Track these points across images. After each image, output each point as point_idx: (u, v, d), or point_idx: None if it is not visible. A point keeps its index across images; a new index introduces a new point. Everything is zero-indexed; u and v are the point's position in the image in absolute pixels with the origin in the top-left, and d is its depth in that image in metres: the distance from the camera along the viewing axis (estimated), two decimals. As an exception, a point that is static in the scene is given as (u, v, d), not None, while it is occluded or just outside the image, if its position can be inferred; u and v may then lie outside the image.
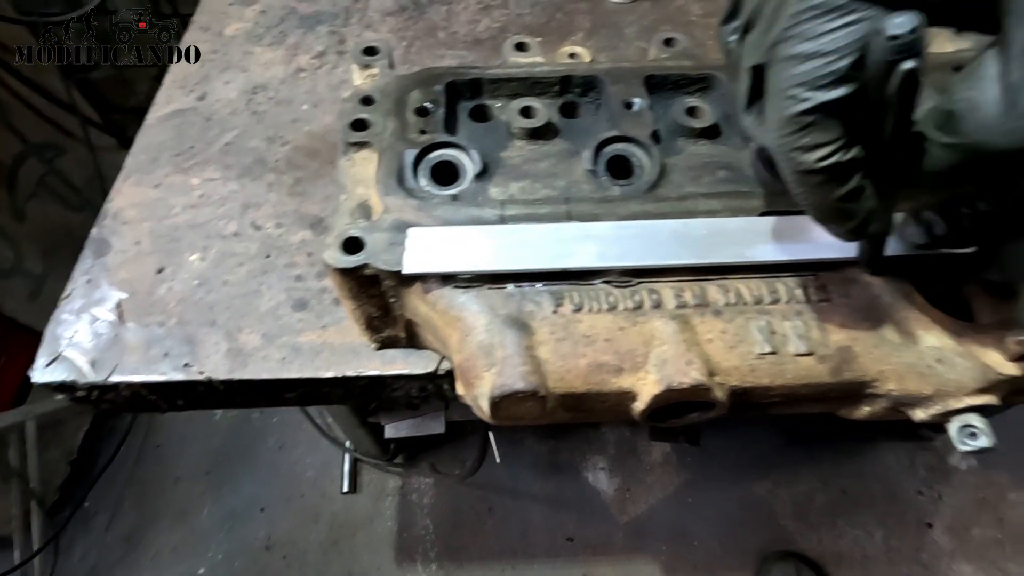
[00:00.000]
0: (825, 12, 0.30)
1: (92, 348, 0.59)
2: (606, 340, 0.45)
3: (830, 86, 0.30)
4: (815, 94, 0.31)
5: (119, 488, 1.76)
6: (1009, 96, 0.28)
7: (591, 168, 0.54)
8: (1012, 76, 0.28)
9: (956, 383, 0.43)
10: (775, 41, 0.32)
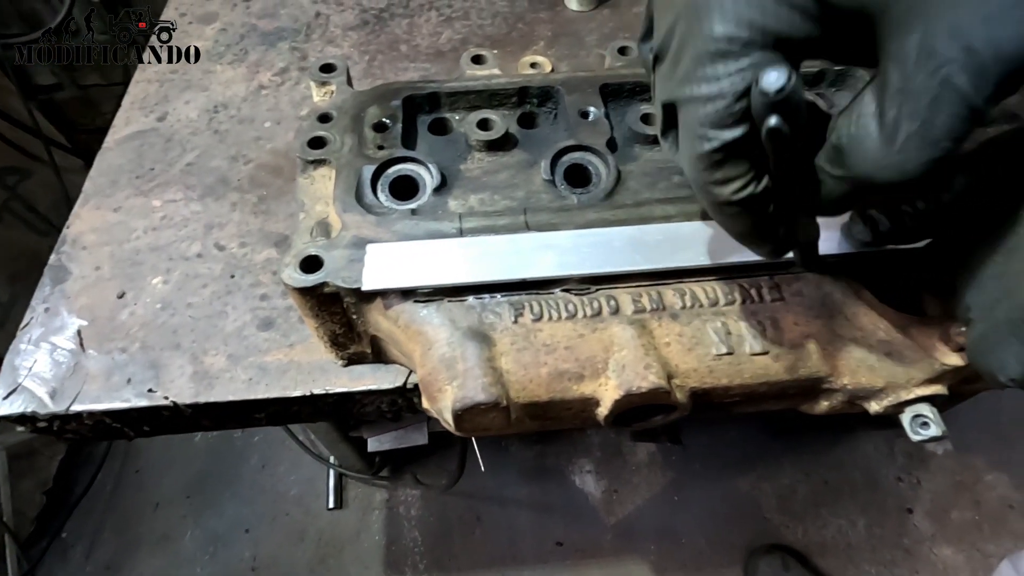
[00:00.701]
0: (721, 56, 0.30)
1: (52, 378, 0.58)
2: (566, 348, 0.46)
3: (733, 126, 0.31)
4: (719, 133, 0.31)
5: (97, 516, 1.72)
6: (886, 132, 0.29)
7: (549, 178, 0.55)
8: (888, 114, 0.29)
9: (905, 375, 0.44)
10: (681, 81, 0.32)
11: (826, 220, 0.48)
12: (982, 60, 0.25)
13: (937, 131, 0.27)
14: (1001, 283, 0.34)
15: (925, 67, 0.26)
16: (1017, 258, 0.33)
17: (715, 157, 0.32)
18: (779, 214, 0.36)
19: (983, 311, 0.35)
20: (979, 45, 0.25)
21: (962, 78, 0.26)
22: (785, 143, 0.30)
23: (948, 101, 0.26)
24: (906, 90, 0.27)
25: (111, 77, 1.88)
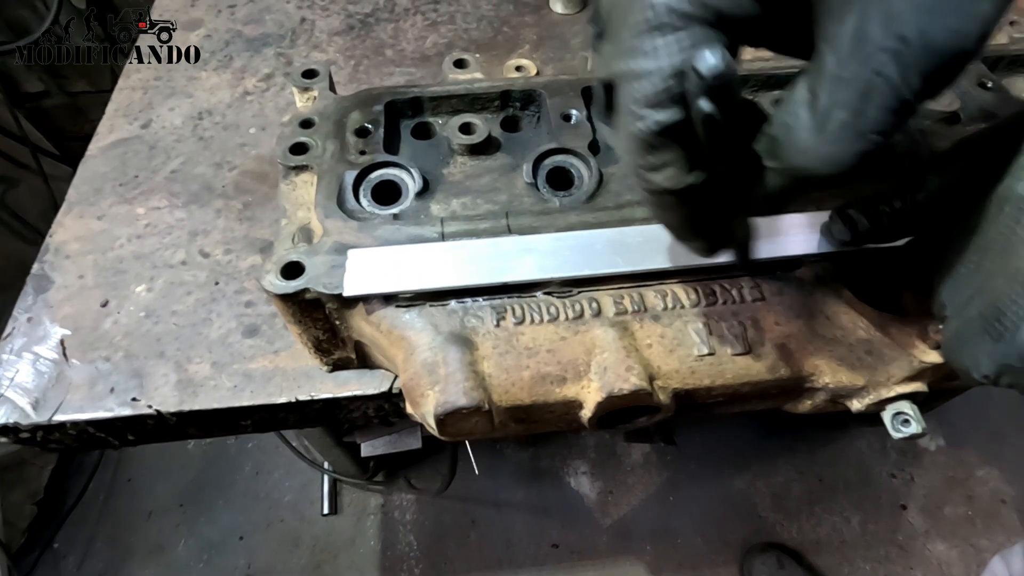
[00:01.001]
0: (653, 29, 0.28)
1: (34, 388, 0.57)
2: (548, 351, 0.46)
3: (668, 106, 0.29)
4: (653, 113, 0.29)
5: (89, 526, 1.71)
6: (818, 120, 0.28)
7: (531, 181, 0.55)
8: (821, 101, 0.28)
9: (885, 373, 0.45)
10: (617, 55, 0.31)
11: (807, 219, 0.49)
12: (914, 51, 0.25)
13: (867, 122, 0.27)
14: (974, 281, 0.34)
15: (858, 55, 0.26)
16: (989, 256, 0.33)
17: (649, 139, 0.30)
18: (715, 209, 0.35)
19: (957, 309, 0.35)
20: (912, 35, 0.24)
21: (893, 68, 0.25)
22: (718, 129, 0.29)
23: (879, 92, 0.26)
24: (839, 77, 0.27)
25: (99, 84, 1.87)
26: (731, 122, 0.29)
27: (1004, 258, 0.32)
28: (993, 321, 0.32)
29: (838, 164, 0.28)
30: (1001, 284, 0.32)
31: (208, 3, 0.97)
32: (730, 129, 0.29)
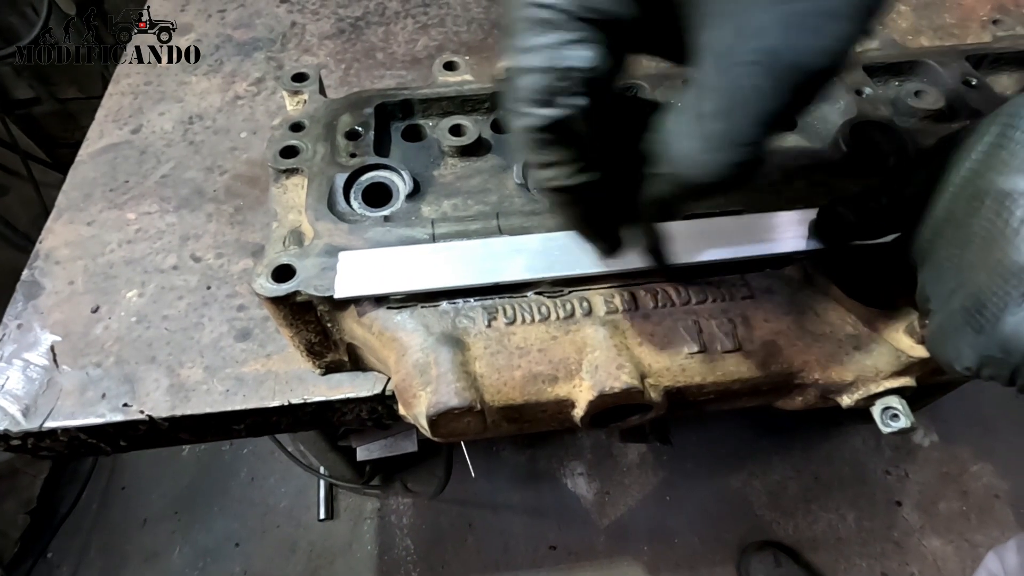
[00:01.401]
0: (534, 25, 0.28)
1: (25, 395, 0.57)
2: (540, 350, 0.46)
3: (546, 103, 0.28)
4: (538, 111, 0.29)
5: (83, 535, 1.70)
6: (697, 129, 0.28)
7: (521, 182, 0.55)
8: (698, 110, 0.27)
9: (874, 368, 0.45)
10: (508, 50, 0.30)
11: (796, 217, 0.49)
12: (778, 66, 0.25)
13: (740, 133, 0.27)
14: (956, 274, 0.35)
15: (728, 66, 0.26)
16: (970, 250, 0.34)
17: (537, 136, 0.30)
18: (611, 211, 0.35)
19: (940, 302, 0.36)
20: (776, 51, 0.24)
21: (760, 81, 0.25)
22: (598, 128, 0.28)
23: (750, 103, 0.26)
24: (712, 88, 0.26)
25: (89, 90, 1.86)
26: (613, 122, 0.28)
27: (985, 251, 0.33)
28: (975, 313, 0.32)
29: (714, 173, 0.28)
30: (982, 277, 0.32)
31: (198, 7, 0.97)
32: (612, 129, 0.29)
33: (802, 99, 0.26)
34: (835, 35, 0.25)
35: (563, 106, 0.28)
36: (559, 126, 0.29)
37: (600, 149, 0.31)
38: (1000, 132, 0.34)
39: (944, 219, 0.37)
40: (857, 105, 0.60)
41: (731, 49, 0.25)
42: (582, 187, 0.32)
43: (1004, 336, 0.31)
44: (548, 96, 0.28)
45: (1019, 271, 0.31)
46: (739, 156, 0.27)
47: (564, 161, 0.31)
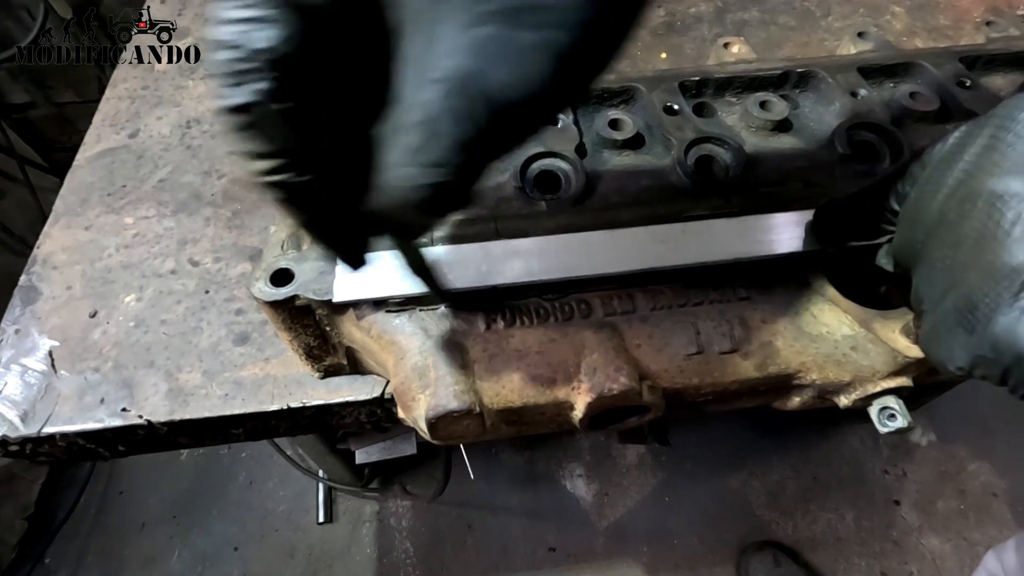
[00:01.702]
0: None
1: (23, 400, 0.57)
2: (538, 353, 0.46)
3: (237, 84, 0.25)
4: (230, 92, 0.25)
5: (81, 540, 1.69)
6: (399, 140, 0.26)
7: (519, 184, 0.55)
8: (402, 118, 0.25)
9: (870, 368, 0.45)
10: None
11: (792, 218, 0.50)
12: (468, 90, 0.23)
13: (436, 153, 0.25)
14: (949, 275, 0.35)
15: (420, 81, 0.24)
16: (963, 251, 0.34)
17: (236, 121, 0.26)
18: (339, 218, 0.32)
19: (933, 303, 0.36)
20: (463, 74, 0.23)
21: (450, 103, 0.23)
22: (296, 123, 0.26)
23: (444, 124, 0.24)
24: (411, 101, 0.25)
25: (86, 94, 1.86)
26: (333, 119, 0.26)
27: (977, 252, 0.33)
28: (967, 314, 0.33)
29: (412, 191, 0.26)
30: (974, 278, 0.33)
31: (195, 12, 0.97)
32: (312, 123, 0.26)
33: (505, 131, 0.25)
34: (528, 74, 0.23)
35: (247, 89, 0.25)
36: (247, 111, 0.26)
37: (310, 147, 0.28)
38: (992, 134, 0.34)
39: (937, 220, 0.37)
40: (852, 106, 0.60)
41: (424, 64, 0.24)
42: (294, 187, 0.29)
43: (995, 336, 0.31)
44: (236, 77, 0.25)
45: (1010, 272, 0.31)
46: (436, 177, 0.25)
47: (272, 154, 0.27)
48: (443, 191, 0.26)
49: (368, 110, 0.28)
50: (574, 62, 0.23)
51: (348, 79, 0.28)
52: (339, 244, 0.34)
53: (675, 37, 0.91)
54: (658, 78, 0.63)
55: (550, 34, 0.22)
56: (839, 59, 0.66)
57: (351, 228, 0.33)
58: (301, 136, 0.27)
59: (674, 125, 0.58)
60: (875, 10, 0.93)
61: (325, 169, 0.29)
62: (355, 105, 0.28)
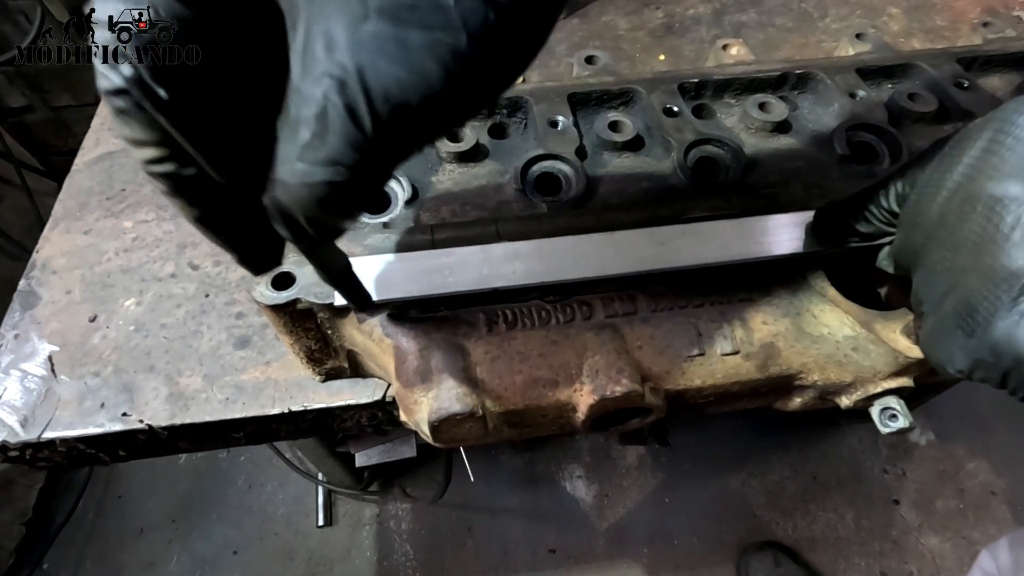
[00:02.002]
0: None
1: (23, 405, 0.57)
2: (540, 355, 0.46)
3: (116, 67, 0.24)
4: (106, 70, 0.24)
5: (79, 545, 1.68)
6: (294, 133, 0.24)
7: (519, 187, 0.55)
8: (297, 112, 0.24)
9: (872, 369, 0.45)
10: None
11: (793, 219, 0.50)
12: (357, 87, 0.22)
13: (330, 149, 0.23)
14: (948, 278, 0.35)
15: (309, 72, 0.23)
16: (962, 254, 0.34)
17: (115, 103, 0.25)
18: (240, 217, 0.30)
19: (933, 305, 0.36)
20: (350, 69, 0.22)
21: (339, 98, 0.22)
22: (159, 105, 0.24)
23: (335, 119, 0.23)
24: (299, 91, 0.23)
25: (83, 98, 1.86)
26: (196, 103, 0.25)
27: (976, 255, 0.33)
28: (966, 317, 0.33)
29: (306, 188, 0.25)
30: (973, 281, 0.33)
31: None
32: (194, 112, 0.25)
33: (399, 132, 0.24)
34: (420, 72, 0.22)
35: (121, 71, 0.24)
36: (123, 95, 0.24)
37: (193, 138, 0.26)
38: (992, 138, 0.34)
39: (937, 223, 0.37)
40: (851, 107, 0.60)
41: (310, 55, 0.23)
42: (178, 179, 0.27)
43: (994, 340, 0.32)
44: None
45: (1009, 276, 0.31)
46: (330, 175, 0.24)
47: (153, 142, 0.26)
48: (338, 190, 0.25)
49: (266, 100, 0.26)
50: (469, 69, 0.23)
51: (238, 67, 0.26)
52: (237, 244, 0.32)
53: (673, 39, 0.92)
54: (657, 80, 0.63)
55: (441, 36, 0.21)
56: (837, 60, 0.66)
57: (252, 227, 0.31)
58: (182, 125, 0.25)
59: (674, 127, 0.59)
60: (872, 11, 0.93)
61: (216, 161, 0.27)
62: (248, 95, 0.27)
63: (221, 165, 0.27)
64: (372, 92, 0.22)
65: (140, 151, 0.26)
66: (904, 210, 0.41)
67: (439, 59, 0.22)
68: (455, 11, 0.21)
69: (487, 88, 0.25)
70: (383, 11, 0.21)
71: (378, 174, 0.26)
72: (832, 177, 0.56)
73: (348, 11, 0.21)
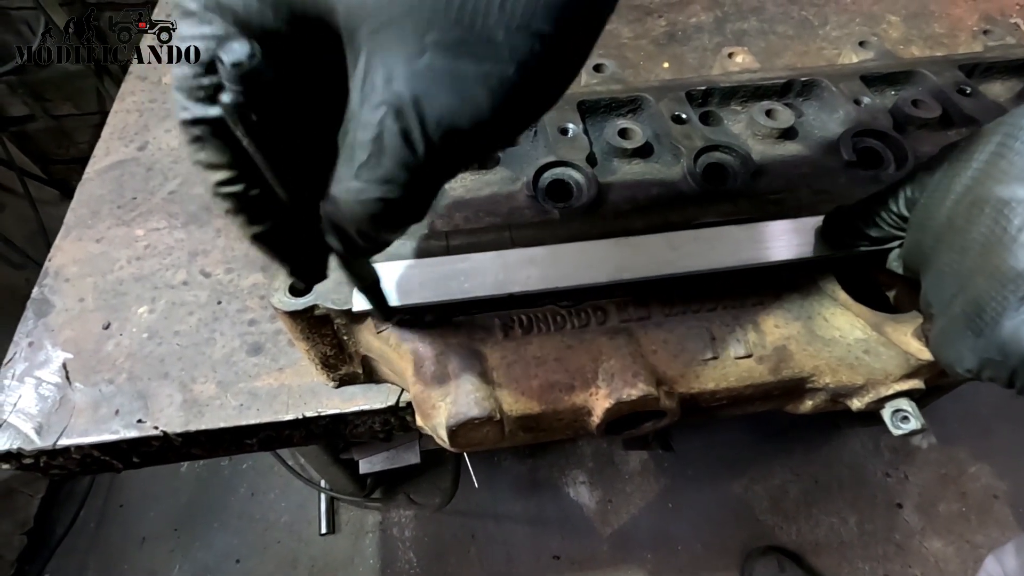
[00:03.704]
0: (187, 15, 0.26)
1: (38, 413, 0.57)
2: (556, 360, 0.46)
3: (205, 101, 0.27)
4: (191, 105, 0.27)
5: (81, 555, 1.67)
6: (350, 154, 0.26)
7: (531, 194, 0.56)
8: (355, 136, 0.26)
9: (883, 371, 0.46)
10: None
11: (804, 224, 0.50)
12: (412, 115, 0.24)
13: (384, 171, 0.26)
14: (957, 279, 0.36)
15: (368, 100, 0.25)
16: (970, 256, 0.35)
17: (193, 132, 0.28)
18: (296, 234, 0.33)
19: (942, 306, 0.37)
20: (407, 98, 0.24)
21: (396, 125, 0.24)
22: (253, 132, 0.27)
23: (390, 143, 0.25)
24: (358, 117, 0.25)
25: (85, 107, 1.87)
26: (274, 129, 0.27)
27: (984, 257, 0.34)
28: (975, 317, 0.34)
29: (360, 204, 0.27)
30: (981, 282, 0.33)
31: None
32: (273, 137, 0.27)
33: (448, 155, 0.26)
34: (471, 100, 0.24)
35: (206, 104, 0.27)
36: (204, 124, 0.27)
37: (272, 162, 0.29)
38: (1001, 142, 0.35)
39: (945, 226, 0.38)
40: (856, 114, 0.61)
41: (375, 86, 0.24)
42: (244, 199, 0.30)
43: (1003, 339, 0.32)
44: (200, 91, 0.27)
45: (1016, 276, 0.32)
46: (383, 192, 0.26)
47: (225, 165, 0.29)
48: (389, 207, 0.27)
49: (325, 123, 0.29)
50: (515, 95, 0.24)
51: (304, 96, 0.29)
52: (290, 258, 0.35)
53: (676, 46, 0.93)
54: (665, 87, 0.64)
55: (491, 67, 0.23)
56: (841, 68, 0.67)
57: (305, 242, 0.34)
58: (263, 150, 0.28)
59: (682, 134, 0.59)
60: (871, 19, 0.95)
61: (283, 182, 0.30)
62: (312, 120, 0.29)
63: (286, 184, 0.30)
64: (426, 119, 0.24)
65: (212, 174, 0.29)
66: (913, 213, 0.41)
67: (488, 88, 0.24)
68: (504, 45, 0.23)
69: (530, 113, 0.27)
70: (438, 45, 0.23)
71: (427, 192, 0.29)
72: (839, 182, 0.57)
73: (406, 45, 0.23)
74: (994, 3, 0.95)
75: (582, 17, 0.24)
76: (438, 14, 0.22)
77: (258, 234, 0.32)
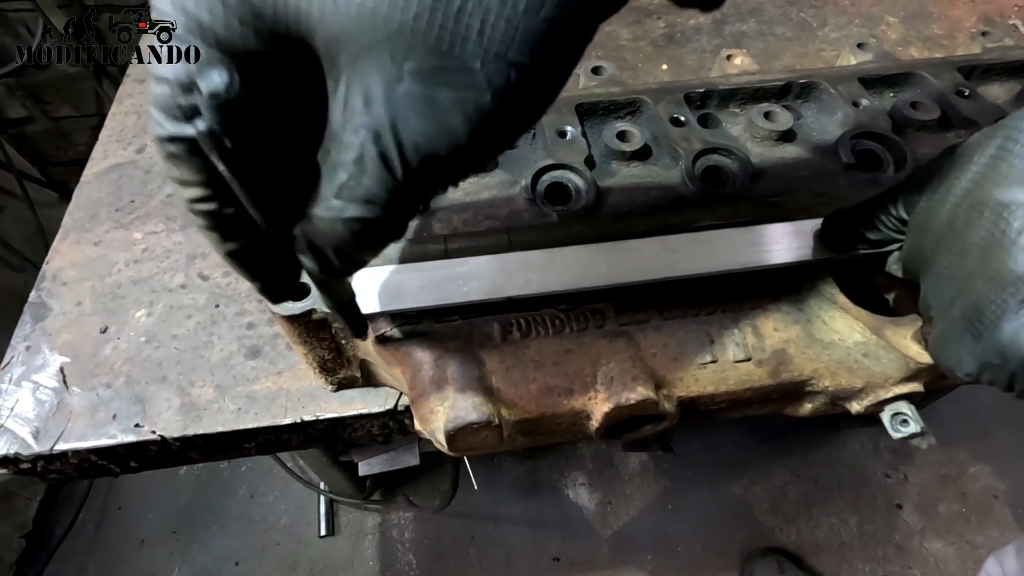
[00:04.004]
0: (159, 31, 0.26)
1: (35, 417, 0.57)
2: (555, 363, 0.46)
3: (182, 120, 0.26)
4: (167, 122, 0.27)
5: (80, 558, 1.67)
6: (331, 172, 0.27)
7: (530, 197, 0.56)
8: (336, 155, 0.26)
9: (882, 375, 0.46)
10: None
11: (802, 227, 0.50)
12: (389, 137, 0.24)
13: (364, 191, 0.26)
14: (956, 283, 0.36)
15: (349, 121, 0.25)
16: (969, 259, 0.35)
17: (168, 148, 0.27)
18: (268, 251, 0.33)
19: (942, 310, 0.37)
20: (384, 122, 0.24)
21: (375, 147, 0.25)
22: (224, 155, 0.27)
23: (371, 163, 0.25)
24: (339, 137, 0.26)
25: (83, 109, 1.86)
26: (249, 154, 0.27)
27: (983, 261, 0.34)
28: (974, 320, 0.34)
29: (340, 221, 0.27)
30: (980, 285, 0.33)
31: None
32: (249, 162, 0.28)
33: (426, 178, 0.26)
34: (447, 129, 0.24)
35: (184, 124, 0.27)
36: (181, 143, 0.27)
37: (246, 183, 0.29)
38: (1000, 145, 0.35)
39: (945, 229, 0.38)
40: (854, 116, 0.61)
41: (348, 105, 0.25)
42: (218, 217, 0.30)
43: (1002, 343, 0.32)
44: (178, 111, 0.27)
45: (1016, 280, 0.32)
46: (364, 212, 0.27)
47: (199, 183, 0.29)
48: (369, 225, 0.27)
49: (302, 144, 0.29)
50: (492, 123, 0.25)
51: (282, 117, 0.29)
52: (262, 275, 0.35)
53: (675, 48, 0.93)
54: (663, 90, 0.64)
55: (468, 95, 0.24)
56: (840, 70, 0.67)
57: (278, 261, 0.34)
58: (236, 172, 0.28)
59: (681, 136, 0.59)
60: (870, 21, 0.95)
61: (257, 202, 0.30)
62: (288, 141, 0.30)
63: (261, 205, 0.30)
64: (404, 144, 0.24)
65: (187, 191, 0.29)
66: (913, 216, 0.41)
67: (465, 115, 0.24)
68: (480, 73, 0.23)
69: (507, 138, 0.27)
70: (416, 73, 0.23)
71: (406, 212, 0.29)
72: (838, 185, 0.57)
73: (385, 72, 0.23)
74: (993, 4, 0.95)
75: (559, 48, 0.24)
76: (417, 42, 0.23)
77: (231, 251, 0.32)
